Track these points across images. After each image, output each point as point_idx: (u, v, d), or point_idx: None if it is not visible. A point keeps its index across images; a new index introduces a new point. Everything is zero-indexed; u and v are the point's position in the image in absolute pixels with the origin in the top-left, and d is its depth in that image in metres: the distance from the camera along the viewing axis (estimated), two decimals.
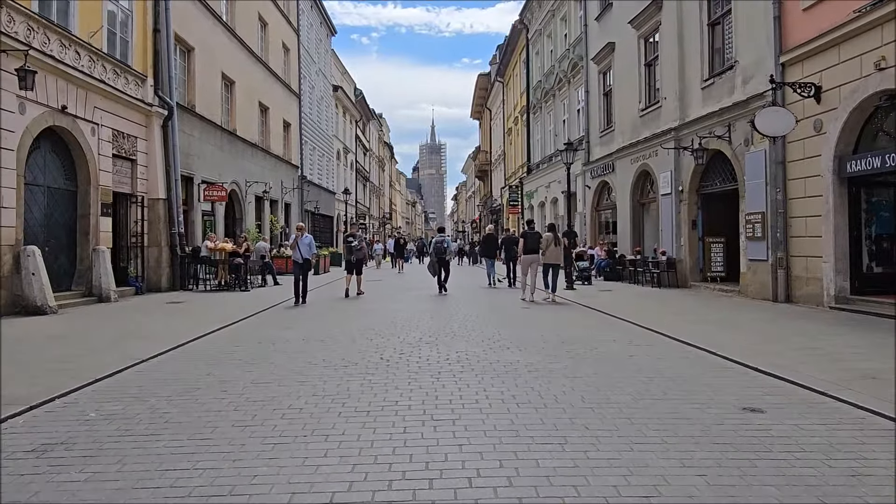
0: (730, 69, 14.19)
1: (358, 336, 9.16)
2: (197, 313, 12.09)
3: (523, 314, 11.77)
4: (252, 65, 25.52)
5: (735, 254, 15.56)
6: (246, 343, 8.71)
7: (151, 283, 16.25)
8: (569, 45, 26.76)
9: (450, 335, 9.16)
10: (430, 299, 14.87)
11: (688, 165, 15.97)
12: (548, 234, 14.34)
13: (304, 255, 13.76)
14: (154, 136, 16.49)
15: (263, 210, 27.03)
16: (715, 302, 13.09)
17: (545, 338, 8.82)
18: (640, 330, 9.47)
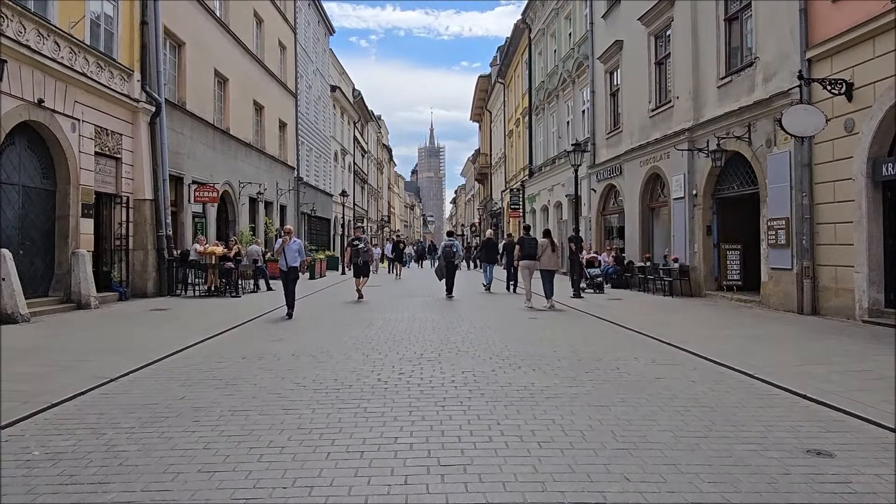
0: (749, 66, 13.42)
1: (353, 351, 8.35)
2: (181, 322, 11.27)
3: (531, 325, 10.96)
4: (247, 62, 24.73)
5: (752, 262, 14.80)
6: (229, 358, 7.89)
7: (137, 288, 15.42)
8: (573, 45, 26.01)
9: (453, 350, 8.35)
10: (431, 307, 14.05)
11: (702, 168, 15.19)
12: (543, 241, 14.24)
13: (289, 262, 12.18)
14: (141, 134, 15.67)
15: (258, 212, 26.20)
16: (734, 313, 12.29)
17: (559, 354, 8.01)
18: (662, 346, 8.66)
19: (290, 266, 12.19)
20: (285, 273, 12.25)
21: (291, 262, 12.21)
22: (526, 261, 14.16)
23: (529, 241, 14.57)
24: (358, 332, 10.12)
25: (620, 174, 20.27)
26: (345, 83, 49.56)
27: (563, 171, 27.07)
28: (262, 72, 26.89)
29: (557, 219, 28.84)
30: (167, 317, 12.06)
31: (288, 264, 12.18)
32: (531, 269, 14.16)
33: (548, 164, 30.36)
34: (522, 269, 14.35)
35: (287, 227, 12.90)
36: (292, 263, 12.22)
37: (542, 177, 31.14)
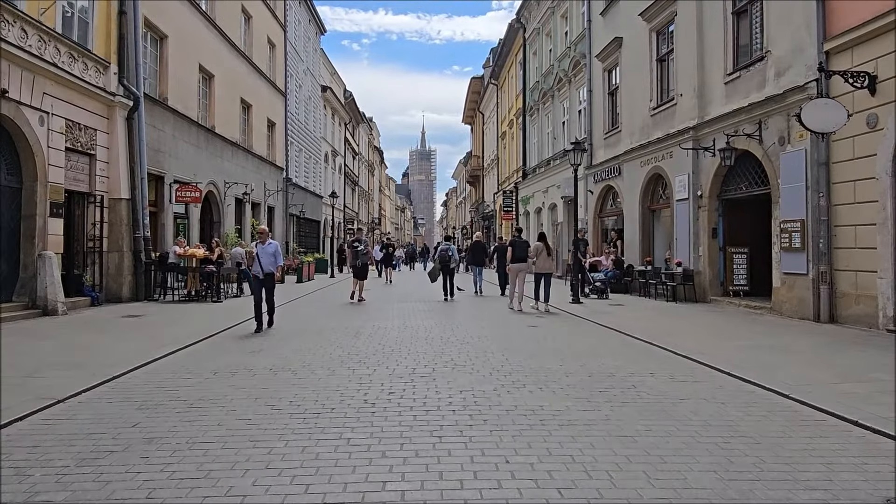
0: (760, 61, 12.72)
1: (338, 365, 7.54)
2: (154, 330, 10.40)
3: (531, 334, 10.18)
4: (234, 58, 23.87)
5: (760, 266, 14.13)
6: (199, 374, 7.07)
7: (111, 292, 14.54)
8: (570, 43, 25.32)
9: (449, 364, 7.55)
10: (423, 314, 13.25)
11: (708, 168, 14.49)
12: (537, 244, 14.17)
13: (265, 267, 10.33)
14: (117, 129, 14.80)
15: (244, 213, 25.31)
16: (745, 321, 11.56)
17: (566, 368, 7.23)
18: (677, 359, 7.90)
19: (266, 272, 10.37)
20: (260, 280, 10.35)
21: (268, 268, 10.37)
22: (517, 264, 14.04)
23: (521, 243, 14.47)
24: (345, 342, 9.31)
25: (619, 175, 19.55)
26: (336, 84, 48.73)
27: (558, 172, 26.41)
28: (250, 69, 26.03)
29: (552, 221, 28.12)
30: (139, 324, 11.19)
31: (263, 270, 10.35)
32: (523, 271, 14.07)
33: (542, 166, 29.65)
34: (513, 272, 14.21)
35: (261, 228, 11.18)
36: (269, 269, 10.39)
37: (537, 178, 30.43)
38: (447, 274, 16.81)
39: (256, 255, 10.43)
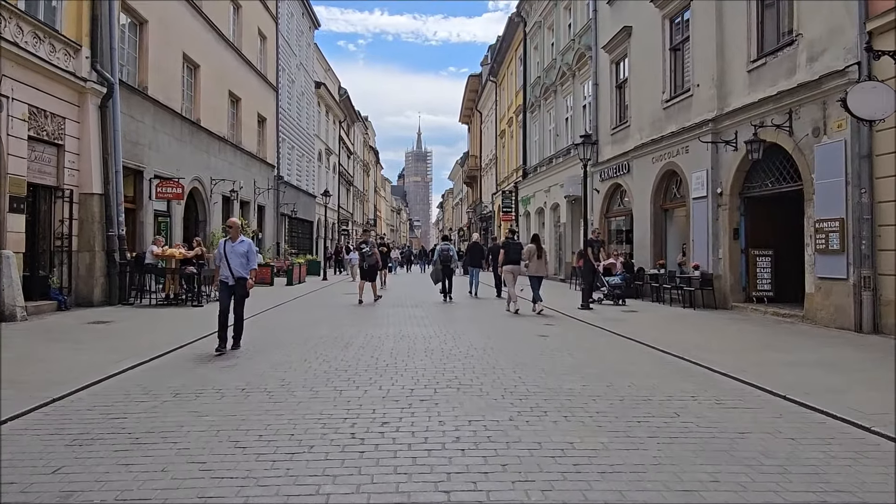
0: (789, 45, 11.67)
1: (323, 383, 6.42)
2: (119, 339, 9.26)
3: (542, 345, 9.07)
4: (222, 49, 22.72)
5: (786, 269, 13.10)
6: (157, 395, 5.94)
7: (81, 295, 13.37)
8: (574, 36, 24.26)
9: (454, 383, 6.43)
10: (420, 320, 12.14)
11: (729, 163, 13.42)
12: (530, 246, 14.06)
13: (235, 270, 8.30)
14: (88, 118, 13.63)
15: (232, 212, 24.10)
16: (778, 330, 10.47)
17: (591, 390, 6.13)
18: (717, 377, 6.81)
19: (238, 277, 8.32)
20: (229, 288, 8.34)
21: (238, 272, 8.32)
22: (510, 265, 14.05)
23: (514, 245, 14.48)
24: (332, 354, 8.18)
25: (628, 172, 18.47)
26: (330, 80, 47.62)
27: (561, 170, 25.35)
28: (240, 61, 24.88)
29: (554, 222, 27.06)
30: (105, 332, 10.03)
31: (233, 273, 8.30)
32: (515, 273, 14.09)
33: (544, 164, 28.58)
34: (507, 273, 14.20)
35: (232, 220, 8.83)
36: (239, 273, 8.33)
37: (538, 177, 29.35)
38: (447, 275, 16.87)
39: (224, 255, 8.32)
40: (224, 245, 8.48)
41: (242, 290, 8.48)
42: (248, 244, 8.53)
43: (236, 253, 8.37)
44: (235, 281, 8.35)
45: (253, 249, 8.63)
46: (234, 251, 8.38)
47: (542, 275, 14.01)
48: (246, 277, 8.46)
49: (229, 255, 8.33)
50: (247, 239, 8.63)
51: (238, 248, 8.43)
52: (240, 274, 8.37)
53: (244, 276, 8.43)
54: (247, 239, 8.63)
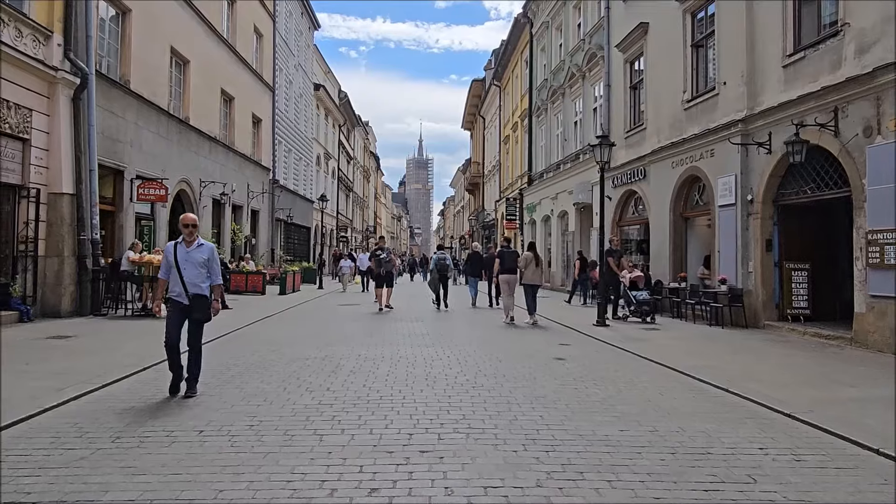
0: (833, 37, 10.51)
1: (301, 424, 5.20)
2: (73, 359, 8.03)
3: (562, 372, 7.83)
4: (214, 44, 21.59)
5: (824, 285, 11.94)
6: (91, 439, 4.73)
7: (48, 305, 12.17)
8: (584, 35, 23.14)
9: (462, 426, 5.21)
10: (419, 338, 10.91)
11: (761, 167, 12.24)
12: (527, 254, 13.88)
13: (191, 285, 6.23)
14: (59, 111, 12.47)
15: (224, 216, 22.96)
16: (827, 356, 9.23)
17: (633, 438, 4.91)
18: (783, 420, 5.58)
19: (193, 294, 6.22)
20: (182, 310, 6.26)
21: (195, 287, 6.24)
22: (506, 275, 13.94)
23: (509, 254, 14.41)
24: (317, 381, 6.96)
25: (644, 178, 17.28)
26: (330, 83, 46.57)
27: (569, 176, 24.19)
28: (233, 58, 23.76)
29: (562, 230, 25.85)
30: (61, 350, 8.80)
31: (188, 290, 6.21)
32: (511, 283, 13.96)
33: (551, 170, 27.40)
34: (503, 283, 14.08)
35: (188, 216, 6.50)
36: (197, 289, 6.26)
37: (544, 184, 28.17)
38: (443, 283, 17.03)
39: (174, 264, 6.22)
40: (175, 250, 6.29)
41: (201, 312, 6.29)
42: (209, 250, 6.43)
43: (193, 261, 6.27)
44: (190, 300, 6.22)
45: (216, 257, 6.51)
46: (189, 259, 6.26)
47: (538, 283, 13.81)
48: (205, 295, 6.31)
49: (183, 263, 6.23)
50: (208, 243, 6.55)
51: (195, 255, 6.29)
52: (197, 290, 6.24)
53: (203, 294, 6.29)
54: (208, 243, 6.55)
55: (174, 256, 6.25)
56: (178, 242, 6.38)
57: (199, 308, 6.27)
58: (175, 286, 6.25)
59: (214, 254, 6.50)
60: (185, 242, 6.34)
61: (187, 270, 6.23)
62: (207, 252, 6.40)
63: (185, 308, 6.23)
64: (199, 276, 6.28)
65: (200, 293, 6.27)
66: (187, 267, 6.24)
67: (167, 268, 6.32)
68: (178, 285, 6.22)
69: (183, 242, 6.35)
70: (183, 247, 6.32)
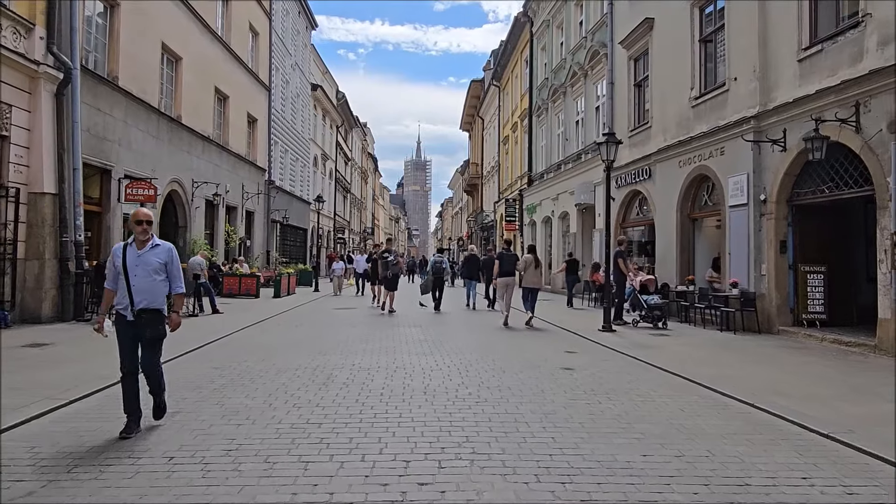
0: (853, 28, 9.99)
1: (285, 448, 4.64)
2: (42, 371, 7.46)
3: (571, 384, 7.28)
4: (207, 42, 21.03)
5: (840, 289, 11.41)
6: (45, 469, 4.18)
7: (28, 310, 11.60)
8: (586, 33, 22.62)
9: (465, 451, 4.64)
10: (417, 345, 10.34)
11: (775, 165, 11.71)
12: (527, 256, 13.71)
13: (141, 296, 4.99)
14: (41, 107, 11.91)
15: (217, 218, 22.41)
16: (851, 365, 8.69)
17: (660, 466, 4.35)
18: (821, 441, 5.03)
19: (140, 309, 4.98)
20: (130, 325, 5.02)
21: (145, 297, 5.01)
22: (504, 277, 13.73)
23: (508, 256, 14.09)
24: (306, 395, 6.41)
25: (649, 178, 16.75)
26: (328, 83, 46.03)
27: (570, 176, 23.68)
28: (228, 56, 23.21)
29: (563, 231, 25.32)
30: (32, 360, 8.21)
31: (135, 302, 4.97)
32: (510, 285, 13.77)
33: (551, 171, 26.87)
34: (501, 286, 13.88)
35: (140, 213, 5.16)
36: (148, 302, 5.02)
37: (545, 184, 27.64)
38: (438, 286, 17.10)
39: (122, 270, 4.99)
40: (123, 252, 5.05)
41: (153, 329, 5.03)
42: (166, 251, 5.19)
43: (146, 266, 5.03)
44: (137, 315, 4.96)
45: (176, 261, 5.28)
46: (141, 263, 5.02)
47: (538, 286, 13.65)
48: (160, 310, 5.08)
49: (132, 268, 4.99)
50: (165, 243, 5.28)
51: (149, 258, 5.07)
52: (147, 303, 4.98)
53: (155, 308, 5.04)
54: (165, 243, 5.28)
55: (122, 260, 5.01)
56: (128, 243, 5.15)
57: (149, 324, 5.01)
58: (121, 297, 5.01)
59: (174, 257, 5.26)
60: (138, 243, 5.10)
61: (138, 277, 4.99)
62: (165, 254, 5.17)
63: (133, 325, 4.99)
64: (153, 285, 5.04)
65: (151, 306, 5.01)
66: (138, 273, 5.00)
67: (114, 275, 5.09)
68: (124, 296, 4.99)
69: (134, 244, 5.12)
70: (134, 249, 5.09)
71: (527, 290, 13.49)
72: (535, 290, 13.52)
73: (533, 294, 13.44)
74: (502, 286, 13.80)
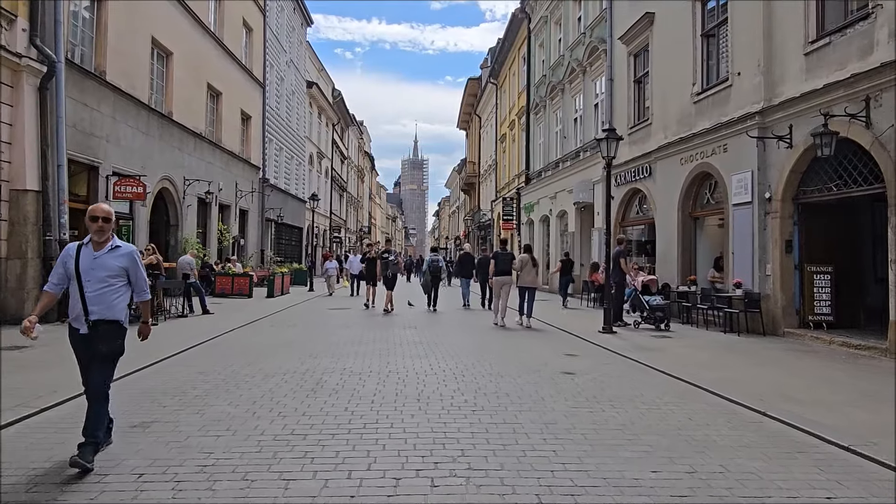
0: (863, 20, 9.67)
1: (266, 463, 4.30)
2: (22, 375, 7.10)
3: (572, 390, 6.94)
4: (199, 37, 20.63)
5: (847, 289, 11.09)
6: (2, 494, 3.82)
7: (9, 311, 11.21)
8: (585, 29, 22.28)
9: (461, 467, 4.29)
10: (412, 348, 10.00)
11: (780, 162, 11.39)
12: (523, 256, 13.65)
13: (95, 305, 4.27)
14: (24, 101, 11.52)
15: (210, 216, 22.03)
16: (861, 369, 8.37)
17: (671, 483, 4.02)
18: (841, 455, 4.70)
19: (96, 320, 4.29)
20: (80, 340, 4.34)
21: (101, 307, 4.30)
22: (500, 277, 13.63)
23: (504, 256, 14.04)
24: (293, 402, 6.06)
25: (649, 176, 16.43)
26: (323, 81, 45.59)
27: (569, 174, 23.34)
28: (221, 52, 22.80)
29: (561, 230, 24.99)
30: (11, 364, 7.85)
31: (89, 312, 4.27)
32: (506, 285, 13.65)
33: (549, 169, 26.54)
34: (497, 285, 13.76)
35: (98, 208, 4.37)
36: (102, 311, 4.31)
37: (543, 183, 27.30)
38: (434, 285, 17.15)
39: (75, 275, 4.27)
40: (77, 254, 4.34)
41: (108, 344, 4.33)
42: (127, 254, 4.45)
43: (103, 270, 4.32)
44: (91, 328, 4.27)
45: (140, 266, 4.54)
46: (97, 267, 4.31)
47: (534, 286, 13.55)
48: (116, 321, 4.36)
49: (86, 273, 4.28)
50: (126, 244, 4.55)
51: (107, 260, 4.35)
52: (103, 313, 4.29)
53: (113, 319, 4.34)
54: (126, 244, 4.55)
55: (75, 263, 4.30)
56: (83, 244, 4.41)
57: (105, 338, 4.30)
58: (74, 306, 4.31)
59: (136, 260, 4.52)
60: (94, 244, 4.37)
61: (92, 284, 4.27)
62: (125, 258, 4.43)
63: (85, 339, 4.30)
64: (110, 293, 4.32)
65: (108, 318, 4.31)
66: (92, 278, 4.28)
67: (59, 278, 4.38)
68: (77, 305, 4.28)
69: (90, 244, 4.38)
70: (89, 250, 4.36)
71: (523, 289, 13.35)
72: (531, 289, 13.41)
73: (530, 294, 13.34)
74: (498, 286, 13.66)
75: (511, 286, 13.74)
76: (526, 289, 13.36)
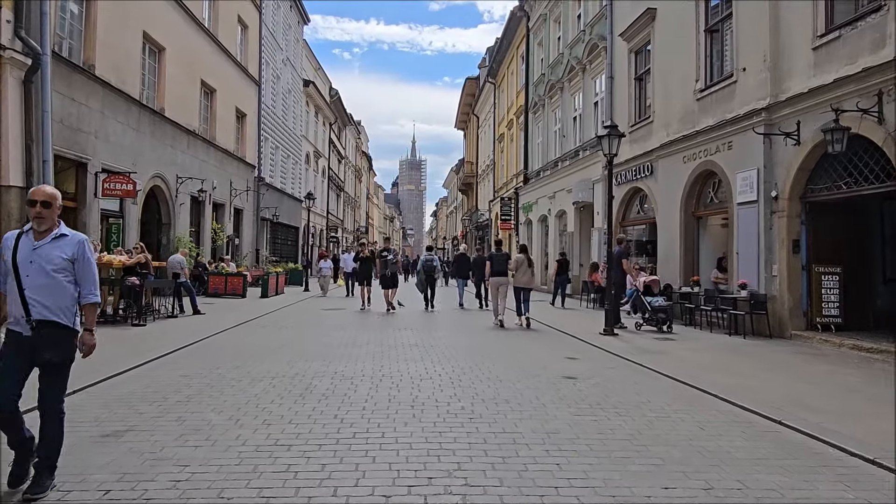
0: (874, 13, 9.35)
1: (245, 478, 3.95)
2: None
3: (575, 396, 6.60)
4: (193, 32, 20.27)
5: (856, 291, 10.78)
6: None
7: None
8: (585, 26, 21.96)
9: (457, 482, 3.96)
10: (407, 351, 9.64)
11: (787, 160, 11.07)
12: (519, 256, 13.72)
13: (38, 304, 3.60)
14: (7, 95, 11.15)
15: (203, 215, 21.69)
16: (875, 373, 8.04)
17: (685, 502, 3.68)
18: (867, 468, 4.38)
19: (40, 320, 3.61)
20: (19, 344, 3.63)
21: (44, 306, 3.62)
22: (496, 277, 13.56)
23: (499, 256, 13.99)
24: (280, 409, 5.71)
25: (651, 174, 16.11)
26: (320, 79, 45.22)
27: (568, 174, 23.02)
28: (215, 48, 22.45)
29: (560, 230, 24.66)
30: None
31: (30, 312, 3.60)
32: (502, 285, 13.51)
33: (548, 168, 26.21)
34: (493, 286, 13.68)
35: (38, 191, 3.73)
36: (45, 310, 3.62)
37: (541, 182, 26.97)
38: (430, 284, 16.97)
39: (13, 268, 3.62)
40: (17, 243, 3.68)
41: (56, 350, 3.68)
42: (74, 245, 3.76)
43: (45, 262, 3.65)
44: (35, 329, 3.62)
45: (89, 259, 3.81)
46: (37, 258, 3.65)
47: (530, 286, 13.54)
48: (64, 324, 3.70)
49: (24, 266, 3.62)
50: (75, 233, 3.84)
51: (49, 251, 3.67)
52: (46, 313, 3.63)
53: (59, 322, 3.68)
54: (75, 233, 3.84)
55: (12, 254, 3.64)
56: (24, 231, 3.75)
57: (51, 343, 3.65)
58: (12, 304, 3.66)
59: (85, 251, 3.79)
60: (35, 233, 3.69)
61: (31, 278, 3.61)
62: (72, 248, 3.74)
63: (28, 343, 3.63)
64: (54, 288, 3.65)
65: (53, 318, 3.65)
66: (32, 272, 3.62)
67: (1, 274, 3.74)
68: (16, 304, 3.63)
69: (30, 232, 3.71)
70: (29, 238, 3.70)
71: (518, 289, 13.39)
72: (527, 290, 13.42)
73: (525, 294, 13.34)
74: (495, 286, 13.60)
75: (508, 286, 13.66)
76: (521, 289, 13.36)
